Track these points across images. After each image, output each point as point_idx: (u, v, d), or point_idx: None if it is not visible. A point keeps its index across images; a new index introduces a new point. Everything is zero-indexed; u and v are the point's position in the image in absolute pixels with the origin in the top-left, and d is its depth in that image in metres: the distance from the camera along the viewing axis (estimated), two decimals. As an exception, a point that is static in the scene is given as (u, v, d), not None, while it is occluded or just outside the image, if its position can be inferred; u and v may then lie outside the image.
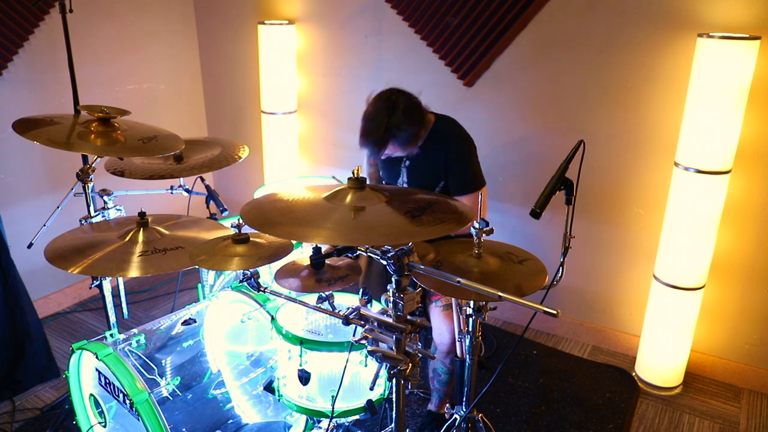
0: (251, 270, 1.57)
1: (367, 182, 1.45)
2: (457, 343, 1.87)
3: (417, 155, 2.12)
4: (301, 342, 1.72)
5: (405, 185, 2.21)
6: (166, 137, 2.02)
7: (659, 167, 2.57)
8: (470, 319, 1.67)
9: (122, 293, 2.43)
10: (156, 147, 1.93)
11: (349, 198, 1.39)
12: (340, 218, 1.34)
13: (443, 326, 2.07)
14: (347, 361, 1.57)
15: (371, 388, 1.42)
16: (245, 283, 1.60)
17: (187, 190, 2.41)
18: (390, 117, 1.97)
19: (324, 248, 1.59)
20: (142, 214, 1.86)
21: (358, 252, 1.42)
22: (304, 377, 1.73)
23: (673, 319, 2.52)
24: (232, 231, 1.64)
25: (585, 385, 2.66)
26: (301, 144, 3.59)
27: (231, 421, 2.08)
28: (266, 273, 2.27)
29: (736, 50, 2.13)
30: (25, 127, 1.88)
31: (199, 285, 2.50)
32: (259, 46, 3.32)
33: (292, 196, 1.48)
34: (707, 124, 2.23)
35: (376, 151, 2.03)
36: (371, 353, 1.31)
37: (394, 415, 1.41)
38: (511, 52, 2.78)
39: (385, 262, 1.29)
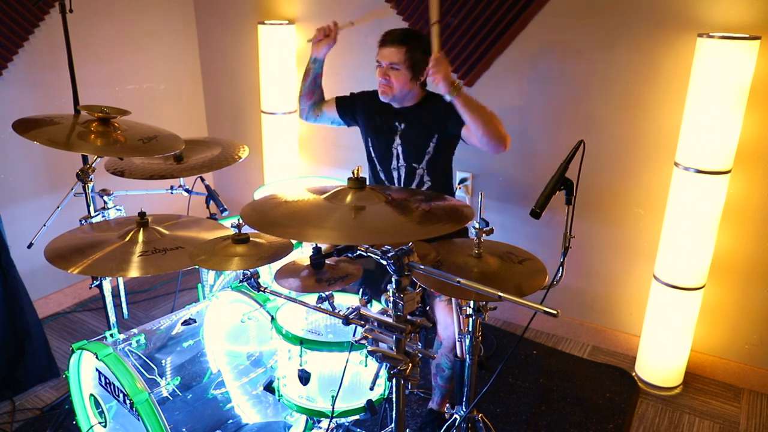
0: (251, 270, 1.57)
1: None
2: (458, 343, 1.87)
3: (411, 120, 2.25)
4: (301, 342, 1.72)
5: (399, 148, 2.28)
6: (166, 137, 2.02)
7: (659, 167, 2.57)
8: (470, 319, 1.67)
9: (122, 293, 2.43)
10: (156, 147, 1.93)
11: (349, 198, 1.39)
12: (341, 218, 1.34)
13: (449, 319, 2.06)
14: (347, 361, 1.57)
15: (371, 388, 1.42)
16: (245, 283, 1.60)
17: (187, 190, 2.41)
18: (424, 36, 2.21)
19: (324, 248, 1.59)
20: (142, 214, 1.85)
21: (358, 252, 1.42)
22: (304, 377, 1.73)
23: (673, 319, 2.52)
24: (232, 231, 1.64)
25: (585, 385, 2.66)
26: (301, 144, 3.59)
27: (231, 421, 2.08)
28: (266, 273, 2.27)
29: (736, 50, 2.13)
30: (25, 127, 1.87)
31: (199, 285, 2.50)
32: (259, 46, 3.32)
33: (291, 197, 1.48)
34: (707, 124, 2.23)
35: (393, 41, 2.15)
36: (371, 353, 1.31)
37: (394, 415, 1.41)
38: (511, 52, 2.78)
39: (385, 262, 1.29)
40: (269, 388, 1.87)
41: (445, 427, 1.87)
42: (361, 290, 1.45)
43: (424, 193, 1.93)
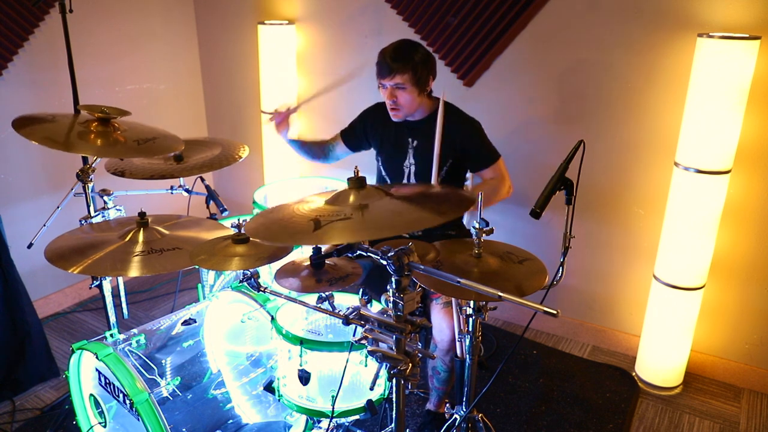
0: (251, 270, 1.57)
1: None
2: (457, 343, 1.87)
3: (425, 136, 2.22)
4: (301, 342, 1.72)
5: (412, 167, 2.27)
6: (166, 138, 2.02)
7: (659, 167, 2.57)
8: (470, 319, 1.67)
9: (122, 293, 2.43)
10: (155, 148, 1.93)
11: (351, 198, 1.38)
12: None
13: (443, 323, 2.07)
14: (347, 361, 1.56)
15: (371, 388, 1.42)
16: (245, 283, 1.60)
17: (187, 190, 2.41)
18: (418, 46, 2.16)
19: (324, 248, 1.59)
20: (142, 214, 1.85)
21: (358, 252, 1.42)
22: (304, 377, 1.73)
23: (673, 319, 2.52)
24: (232, 231, 1.64)
25: (585, 385, 2.66)
26: (301, 144, 3.59)
27: (231, 421, 2.08)
28: (266, 273, 2.27)
29: (736, 50, 2.13)
30: (23, 124, 1.87)
31: (199, 285, 2.50)
32: (259, 46, 3.32)
33: (293, 205, 1.46)
34: (707, 124, 2.23)
35: (393, 68, 2.09)
36: (371, 353, 1.31)
37: (394, 415, 1.41)
38: (511, 52, 2.78)
39: (385, 262, 1.29)
40: (269, 388, 1.87)
41: (445, 427, 1.87)
42: (361, 290, 1.45)
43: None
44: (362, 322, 1.36)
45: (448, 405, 1.94)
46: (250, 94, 3.65)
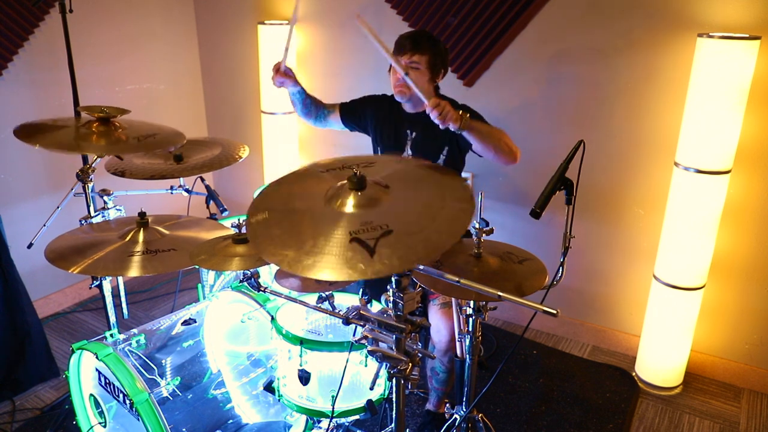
0: (251, 270, 1.57)
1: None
2: (457, 343, 1.87)
3: (423, 127, 2.21)
4: (301, 342, 1.72)
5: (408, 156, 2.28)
6: (167, 134, 2.02)
7: (659, 167, 2.57)
8: (470, 319, 1.67)
9: (122, 293, 2.43)
10: (155, 143, 1.94)
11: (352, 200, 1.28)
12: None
13: (441, 324, 2.07)
14: (347, 361, 1.57)
15: (371, 388, 1.42)
16: (245, 283, 1.60)
17: (187, 190, 2.41)
18: (438, 39, 2.20)
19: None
20: (142, 214, 1.86)
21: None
22: (304, 377, 1.73)
23: (673, 319, 2.52)
24: (232, 231, 1.64)
25: (585, 385, 2.66)
26: (301, 144, 3.59)
27: (231, 421, 2.08)
28: (266, 273, 2.27)
29: (736, 50, 2.13)
30: (28, 132, 1.88)
31: (199, 285, 2.50)
32: (259, 46, 3.33)
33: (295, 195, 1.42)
34: (707, 124, 2.23)
35: (413, 46, 2.11)
36: (371, 353, 1.31)
37: (394, 415, 1.41)
38: (511, 52, 2.78)
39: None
40: (269, 388, 1.87)
41: (445, 427, 1.87)
42: (361, 290, 1.45)
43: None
44: (362, 322, 1.36)
45: (448, 405, 1.94)
46: (250, 94, 3.65)
